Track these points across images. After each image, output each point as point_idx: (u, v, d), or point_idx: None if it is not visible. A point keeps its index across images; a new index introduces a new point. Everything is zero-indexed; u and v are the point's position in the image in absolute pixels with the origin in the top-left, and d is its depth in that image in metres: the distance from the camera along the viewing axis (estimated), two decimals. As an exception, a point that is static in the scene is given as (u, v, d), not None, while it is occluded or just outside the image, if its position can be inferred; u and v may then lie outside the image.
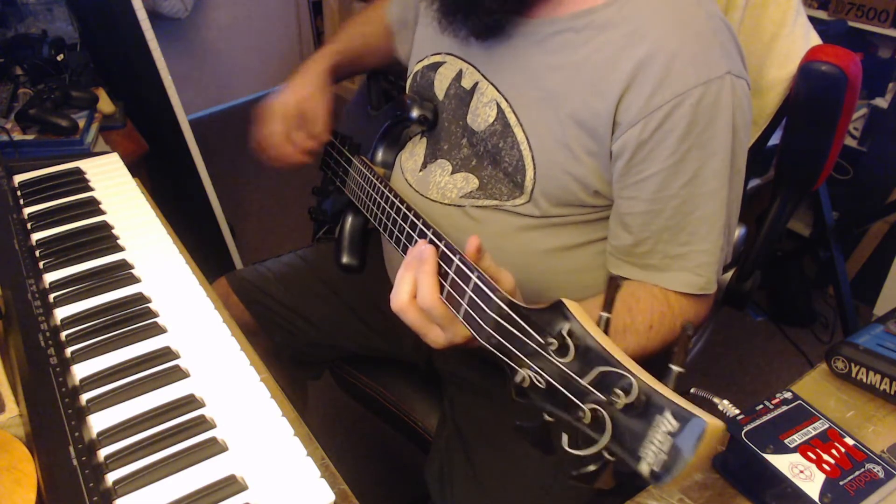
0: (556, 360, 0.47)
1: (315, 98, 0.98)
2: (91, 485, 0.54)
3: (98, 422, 0.60)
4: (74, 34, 1.69)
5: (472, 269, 0.59)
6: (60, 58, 1.53)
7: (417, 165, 0.90)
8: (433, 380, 1.06)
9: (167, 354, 0.67)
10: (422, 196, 0.87)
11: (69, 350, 0.67)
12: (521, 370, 0.51)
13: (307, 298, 1.08)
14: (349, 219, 0.97)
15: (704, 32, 0.70)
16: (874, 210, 1.99)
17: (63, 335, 0.69)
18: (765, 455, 0.60)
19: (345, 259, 0.97)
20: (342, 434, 1.70)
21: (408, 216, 0.74)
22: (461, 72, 0.84)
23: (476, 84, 0.82)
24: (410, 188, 0.89)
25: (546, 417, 0.49)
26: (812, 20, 0.96)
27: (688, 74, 0.68)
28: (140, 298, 0.75)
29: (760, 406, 0.65)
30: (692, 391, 0.49)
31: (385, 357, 1.10)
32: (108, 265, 0.79)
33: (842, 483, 0.59)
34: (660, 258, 0.75)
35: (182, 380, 0.65)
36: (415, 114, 0.87)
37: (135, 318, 0.71)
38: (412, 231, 0.73)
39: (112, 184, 0.95)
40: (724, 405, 0.49)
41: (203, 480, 0.55)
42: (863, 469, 0.60)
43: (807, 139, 1.00)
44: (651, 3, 0.71)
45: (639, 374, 0.41)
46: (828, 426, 0.64)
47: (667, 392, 0.40)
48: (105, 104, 1.48)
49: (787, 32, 0.94)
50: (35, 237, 0.83)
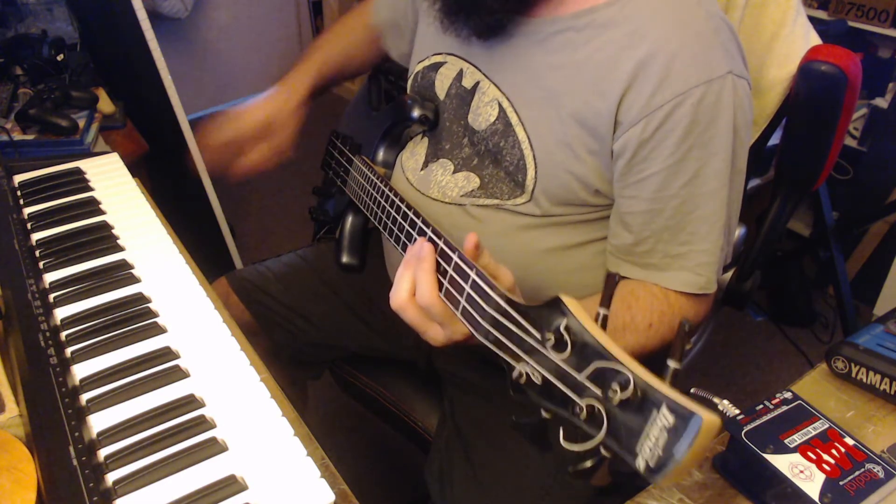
0: (553, 356, 0.47)
1: (286, 113, 1.00)
2: (91, 485, 0.54)
3: (98, 422, 0.60)
4: (74, 34, 1.69)
5: (471, 267, 0.59)
6: (60, 58, 1.53)
7: (419, 165, 0.90)
8: (433, 380, 1.06)
9: (167, 354, 0.67)
10: (422, 195, 0.87)
11: (69, 350, 0.67)
12: (518, 366, 0.51)
13: (307, 298, 1.08)
14: (349, 218, 0.97)
15: (705, 32, 0.70)
16: (874, 210, 1.99)
17: (63, 335, 0.69)
18: (765, 455, 0.60)
19: (345, 259, 0.97)
20: (342, 434, 1.69)
21: (407, 214, 0.74)
22: (462, 71, 0.84)
23: (477, 83, 0.82)
24: (411, 187, 0.89)
25: (543, 414, 0.49)
26: (812, 20, 0.96)
27: (689, 74, 0.68)
28: (140, 298, 0.75)
29: (760, 406, 0.65)
30: (692, 391, 0.49)
31: (385, 357, 1.10)
32: (108, 265, 0.79)
33: (842, 483, 0.58)
34: (660, 257, 0.75)
35: (182, 380, 0.65)
36: (416, 114, 0.88)
37: (135, 318, 0.71)
38: (412, 229, 0.73)
39: (112, 184, 0.95)
40: (724, 405, 0.49)
41: (203, 480, 0.55)
42: (863, 469, 0.60)
43: (807, 139, 1.00)
44: (652, 3, 0.71)
45: (635, 370, 0.41)
46: (828, 426, 0.64)
47: (663, 388, 0.40)
48: (105, 104, 1.48)
49: (787, 32, 0.94)
50: (35, 237, 0.83)
